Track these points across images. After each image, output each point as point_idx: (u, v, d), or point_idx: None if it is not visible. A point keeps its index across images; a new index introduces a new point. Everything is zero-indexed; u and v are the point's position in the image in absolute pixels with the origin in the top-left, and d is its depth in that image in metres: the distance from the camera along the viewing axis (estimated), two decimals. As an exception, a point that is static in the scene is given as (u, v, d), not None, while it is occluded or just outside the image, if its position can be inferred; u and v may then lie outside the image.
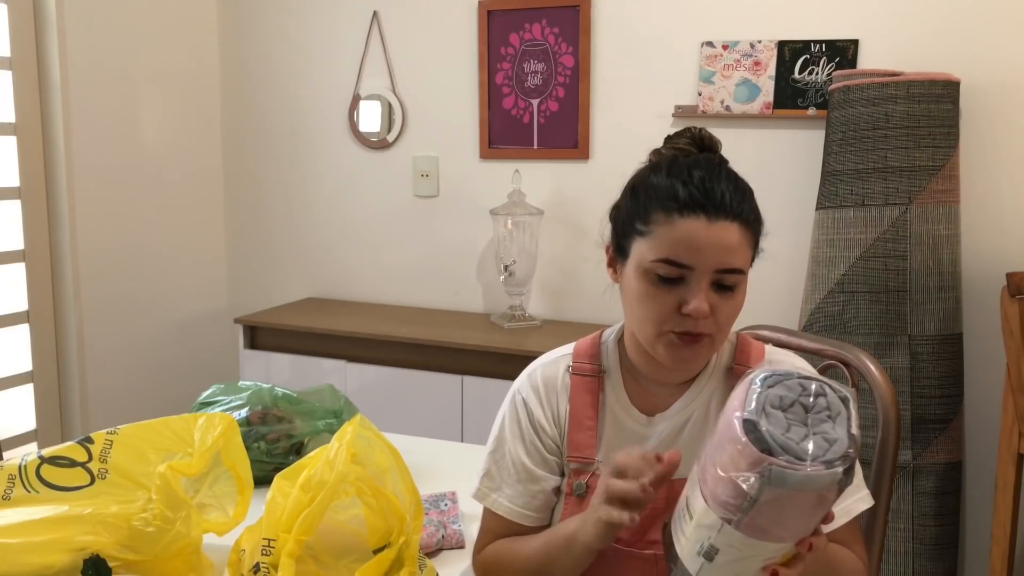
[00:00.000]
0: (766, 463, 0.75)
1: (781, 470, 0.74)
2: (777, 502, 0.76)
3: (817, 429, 0.78)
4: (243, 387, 1.62)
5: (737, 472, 0.77)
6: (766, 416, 0.78)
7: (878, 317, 2.09)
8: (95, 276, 2.65)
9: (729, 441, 0.78)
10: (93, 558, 1.05)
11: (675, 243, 0.98)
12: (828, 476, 0.75)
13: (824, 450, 0.76)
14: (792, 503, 0.76)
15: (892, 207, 2.08)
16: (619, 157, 2.57)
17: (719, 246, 0.98)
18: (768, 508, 0.76)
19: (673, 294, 0.99)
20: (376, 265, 2.96)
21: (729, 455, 0.78)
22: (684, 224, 0.98)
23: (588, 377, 1.13)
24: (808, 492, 0.75)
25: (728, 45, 2.40)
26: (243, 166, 3.12)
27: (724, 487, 0.78)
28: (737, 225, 0.98)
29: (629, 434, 1.10)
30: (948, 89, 2.09)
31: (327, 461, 1.06)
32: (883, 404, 1.30)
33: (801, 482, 0.75)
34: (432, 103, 2.81)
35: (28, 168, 2.49)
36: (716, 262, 0.98)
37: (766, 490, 0.75)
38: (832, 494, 0.76)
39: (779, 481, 0.75)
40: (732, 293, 1.00)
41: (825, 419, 0.79)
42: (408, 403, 2.52)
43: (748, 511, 0.77)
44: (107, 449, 1.17)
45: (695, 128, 1.08)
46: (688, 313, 0.98)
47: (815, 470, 0.75)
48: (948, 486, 2.12)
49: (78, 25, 2.54)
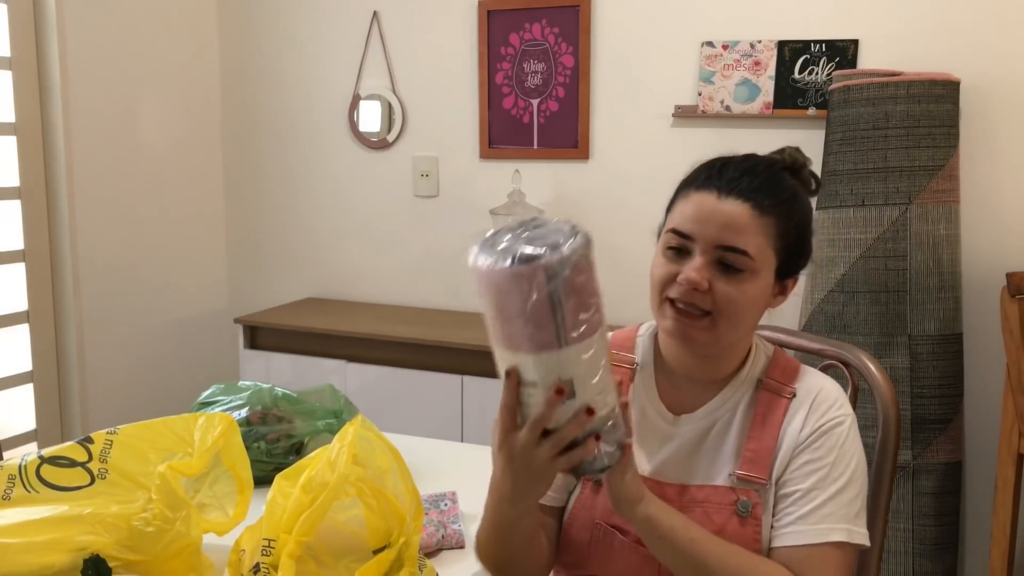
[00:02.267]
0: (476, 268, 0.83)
1: (482, 265, 0.82)
2: (495, 291, 0.82)
3: (534, 243, 0.83)
4: (243, 387, 1.62)
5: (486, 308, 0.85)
6: (492, 246, 0.84)
7: (878, 317, 2.09)
8: (95, 276, 2.65)
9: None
10: (93, 558, 1.05)
11: (684, 214, 1.02)
12: (515, 266, 0.80)
13: (527, 248, 0.82)
14: (502, 289, 0.82)
15: (892, 207, 2.08)
16: (619, 157, 2.56)
17: (721, 221, 0.99)
18: (495, 299, 0.83)
19: (677, 265, 1.02)
20: (376, 265, 2.96)
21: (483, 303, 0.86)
22: (696, 196, 1.02)
23: (621, 368, 1.13)
24: (505, 276, 0.81)
25: (728, 45, 2.40)
26: (243, 166, 3.12)
27: (494, 328, 0.86)
28: (748, 207, 0.99)
29: (654, 429, 1.10)
30: (948, 89, 2.09)
31: (328, 462, 1.06)
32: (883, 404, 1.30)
33: (492, 273, 0.81)
34: (432, 103, 2.81)
35: (28, 168, 2.49)
36: (717, 237, 0.99)
37: (483, 283, 0.83)
38: (536, 286, 0.81)
39: (486, 275, 0.82)
40: (737, 277, 1.00)
41: (543, 236, 0.84)
42: (408, 403, 2.52)
43: (498, 318, 0.84)
44: (107, 449, 1.17)
45: (792, 148, 1.09)
46: (680, 281, 1.00)
47: (483, 260, 0.82)
48: (948, 486, 2.12)
49: (78, 25, 2.54)
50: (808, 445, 1.03)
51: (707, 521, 1.03)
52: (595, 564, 1.07)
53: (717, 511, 1.04)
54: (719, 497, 1.04)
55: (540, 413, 0.86)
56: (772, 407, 1.06)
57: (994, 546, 2.00)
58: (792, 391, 1.07)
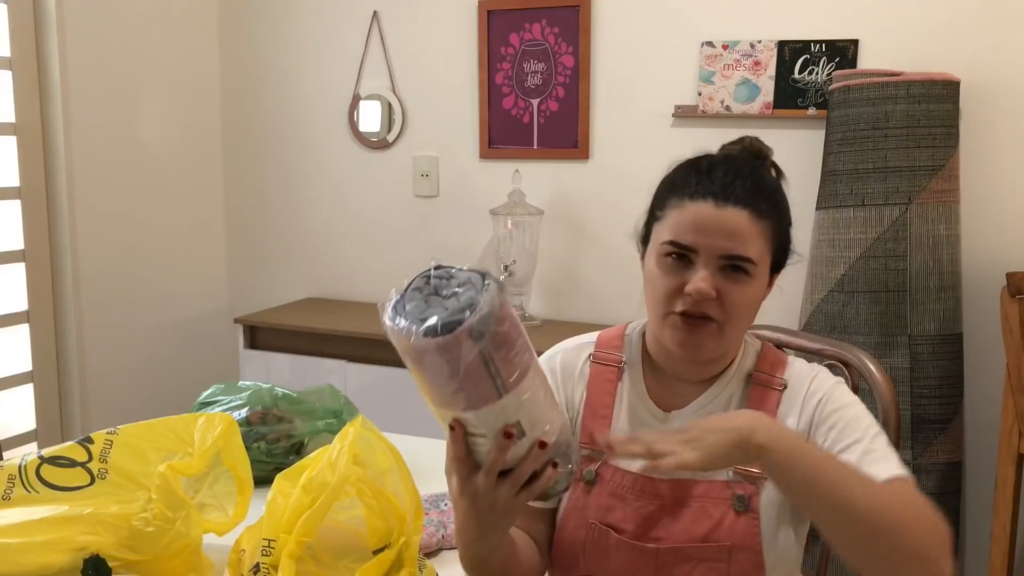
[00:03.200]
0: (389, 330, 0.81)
1: (390, 327, 0.80)
2: (419, 362, 0.80)
3: (447, 303, 0.81)
4: (243, 387, 1.62)
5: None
6: (404, 308, 0.82)
7: (878, 317, 2.10)
8: (95, 276, 2.65)
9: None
10: (93, 558, 1.05)
11: (682, 225, 1.01)
12: (414, 343, 0.78)
13: (444, 312, 0.80)
14: (428, 361, 0.79)
15: (892, 207, 2.08)
16: (619, 157, 2.56)
17: (724, 231, 0.99)
18: (421, 370, 0.80)
19: (680, 276, 1.02)
20: (376, 265, 2.96)
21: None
22: (692, 207, 1.01)
23: (608, 367, 1.13)
24: (429, 348, 0.78)
25: (728, 45, 2.40)
26: (243, 166, 3.12)
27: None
28: (747, 214, 1.00)
29: (644, 427, 1.10)
30: (948, 89, 2.09)
31: (329, 462, 1.06)
32: (883, 404, 1.30)
33: (398, 336, 0.79)
34: (432, 103, 2.81)
35: (28, 168, 2.49)
36: (721, 247, 0.99)
37: (406, 354, 0.80)
38: (465, 351, 0.78)
39: (394, 337, 0.80)
40: (743, 281, 1.01)
41: (455, 293, 0.82)
42: (408, 403, 2.52)
43: (431, 384, 0.81)
44: (107, 449, 1.17)
45: (750, 137, 1.11)
46: (689, 293, 1.00)
47: (401, 328, 0.79)
48: (948, 486, 2.12)
49: (78, 25, 2.54)
50: (819, 425, 1.03)
51: (704, 515, 1.03)
52: (590, 564, 1.07)
53: (714, 506, 1.04)
54: (716, 492, 1.05)
55: (493, 458, 0.83)
56: (764, 400, 1.07)
57: (994, 546, 2.00)
58: (782, 382, 1.08)
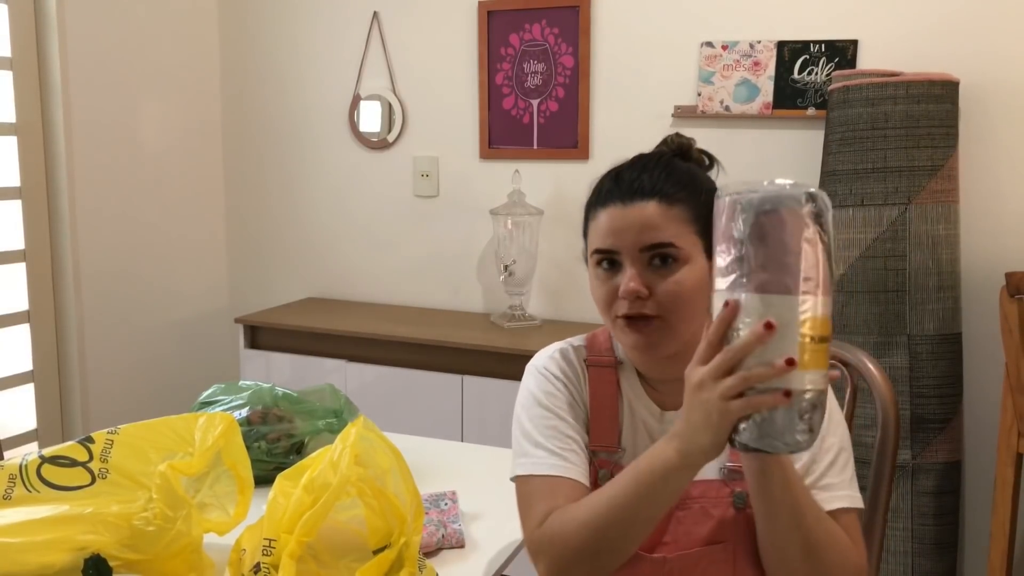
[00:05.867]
0: (732, 197, 0.83)
1: (749, 194, 0.82)
2: (761, 234, 0.81)
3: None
4: (243, 387, 1.63)
5: (726, 239, 0.84)
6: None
7: (877, 317, 2.10)
8: (95, 276, 2.65)
9: (716, 228, 0.86)
10: (94, 557, 1.05)
11: (600, 232, 1.05)
12: (789, 191, 0.81)
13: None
14: (773, 231, 0.81)
15: (891, 207, 2.09)
16: (619, 157, 2.52)
17: (635, 225, 1.02)
18: (757, 246, 0.81)
19: (613, 281, 1.05)
20: (376, 265, 2.97)
21: (721, 233, 0.85)
22: (604, 214, 1.06)
23: (606, 368, 1.14)
24: (780, 212, 0.81)
25: (728, 45, 2.40)
26: (243, 166, 3.12)
27: (723, 259, 0.84)
28: (655, 202, 1.02)
29: (644, 426, 1.11)
30: (947, 89, 2.09)
31: (332, 463, 1.06)
32: (882, 404, 1.31)
33: (766, 199, 0.81)
34: (432, 103, 2.81)
35: (28, 168, 2.49)
36: (637, 241, 1.02)
37: (742, 221, 0.82)
38: (808, 229, 0.81)
39: (748, 205, 0.82)
40: (673, 269, 1.02)
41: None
42: (408, 403, 2.52)
43: (743, 261, 0.82)
44: (108, 449, 1.17)
45: (673, 135, 1.14)
46: (621, 296, 1.02)
47: (774, 186, 0.82)
48: (947, 485, 2.13)
49: (78, 25, 2.54)
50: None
51: (705, 516, 1.03)
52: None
53: (714, 505, 1.04)
54: (714, 491, 1.05)
55: (745, 341, 0.80)
56: None
57: (993, 545, 2.01)
58: None
